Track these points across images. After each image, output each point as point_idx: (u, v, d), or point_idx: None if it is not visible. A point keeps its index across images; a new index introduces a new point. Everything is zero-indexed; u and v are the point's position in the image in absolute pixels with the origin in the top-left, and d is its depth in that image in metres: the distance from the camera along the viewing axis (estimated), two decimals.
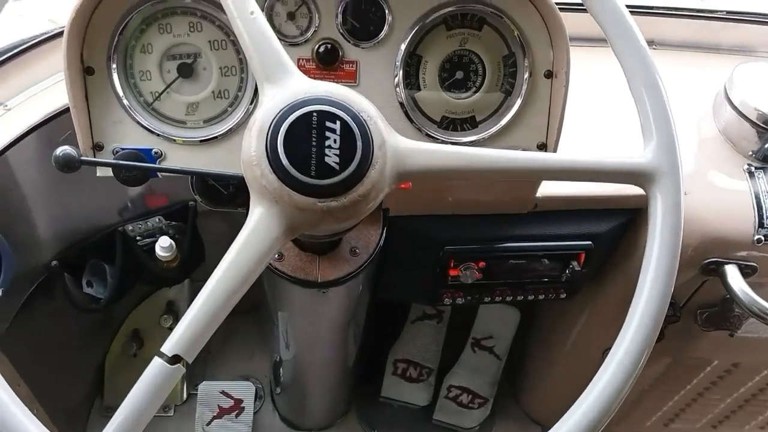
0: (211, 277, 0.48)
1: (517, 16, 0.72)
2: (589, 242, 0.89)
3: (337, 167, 0.48)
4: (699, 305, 1.01)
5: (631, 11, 0.64)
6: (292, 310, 0.97)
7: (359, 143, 0.48)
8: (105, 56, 0.69)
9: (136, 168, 0.68)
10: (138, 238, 1.05)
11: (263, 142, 0.48)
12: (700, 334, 1.06)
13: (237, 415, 1.29)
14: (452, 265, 0.89)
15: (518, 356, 1.40)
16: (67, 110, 0.83)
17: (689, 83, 1.03)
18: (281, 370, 1.26)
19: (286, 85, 0.50)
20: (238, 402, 1.29)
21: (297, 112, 0.48)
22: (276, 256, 0.79)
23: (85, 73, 0.70)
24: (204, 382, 1.30)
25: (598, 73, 0.94)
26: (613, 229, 0.89)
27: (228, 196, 0.81)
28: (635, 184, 0.56)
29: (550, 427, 0.53)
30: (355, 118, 0.49)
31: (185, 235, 1.06)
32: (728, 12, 1.07)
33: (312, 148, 0.48)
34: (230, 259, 0.48)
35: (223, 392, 1.28)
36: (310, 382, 1.27)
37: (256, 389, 1.34)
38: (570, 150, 0.80)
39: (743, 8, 1.08)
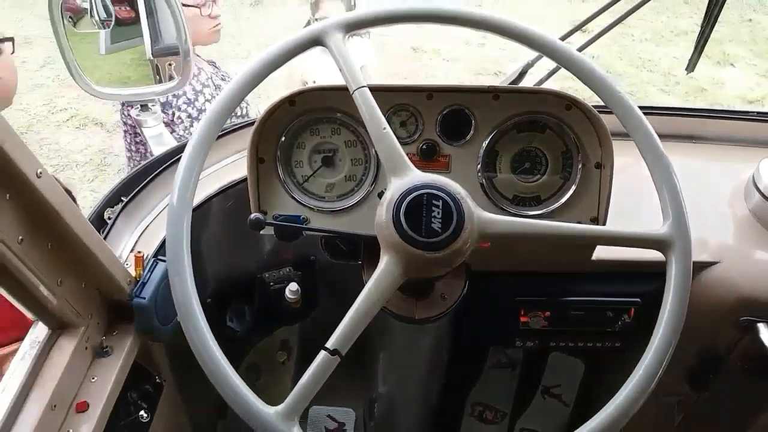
0: (357, 299, 0.73)
1: (572, 122, 0.96)
2: (638, 299, 1.09)
3: (439, 230, 0.72)
4: (740, 360, 1.16)
5: (675, 113, 0.83)
6: (393, 345, 1.21)
7: (455, 214, 0.72)
8: (273, 150, 0.99)
9: (295, 228, 0.96)
10: (272, 283, 1.33)
11: (391, 213, 0.73)
12: (745, 387, 1.20)
13: None
14: (522, 313, 1.11)
15: (586, 405, 1.55)
16: (239, 182, 1.14)
17: (724, 171, 1.23)
18: (376, 405, 1.48)
19: (405, 176, 0.76)
20: (341, 425, 1.52)
21: (413, 193, 0.73)
22: None
23: (259, 162, 0.99)
24: (314, 406, 1.54)
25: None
26: (659, 288, 1.08)
27: (346, 251, 1.08)
28: (657, 250, 0.76)
29: None
30: (452, 197, 0.73)
31: (308, 283, 1.33)
32: (758, 113, 1.27)
33: (423, 217, 0.72)
34: (369, 286, 0.73)
35: (329, 416, 1.52)
36: (399, 416, 1.48)
37: (356, 416, 1.57)
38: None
39: None
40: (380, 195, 0.80)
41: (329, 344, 0.71)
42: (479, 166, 0.99)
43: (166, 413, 1.20)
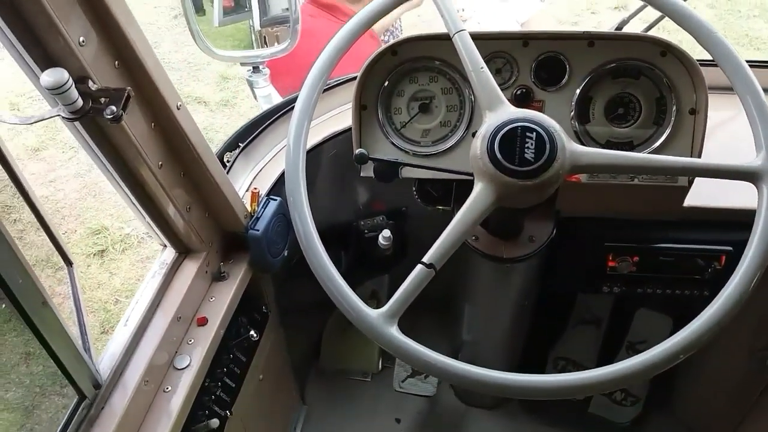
0: (453, 219, 0.79)
1: (667, 68, 0.98)
2: (730, 247, 1.09)
3: (532, 160, 0.76)
4: None
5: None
6: (480, 285, 1.27)
7: (548, 145, 0.77)
8: (375, 97, 1.07)
9: (394, 165, 1.04)
10: (366, 231, 1.42)
11: (486, 144, 0.78)
12: None
13: (425, 377, 1.60)
14: (611, 258, 1.14)
15: None
16: (342, 132, 1.23)
17: None
18: (459, 354, 1.55)
19: (500, 111, 0.81)
20: None
21: (508, 126, 0.78)
22: (473, 238, 1.09)
23: (362, 108, 1.08)
24: None
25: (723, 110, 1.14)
26: None
27: (438, 197, 1.14)
28: (749, 181, 0.76)
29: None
30: (546, 130, 0.77)
31: (399, 231, 1.41)
32: None
33: (516, 147, 0.77)
34: (463, 211, 0.79)
35: None
36: (483, 365, 1.53)
37: None
38: None
39: None
40: (473, 136, 0.86)
41: (425, 259, 0.78)
42: (573, 112, 1.02)
43: (271, 339, 1.32)
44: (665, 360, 0.73)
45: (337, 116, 1.31)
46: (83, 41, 0.71)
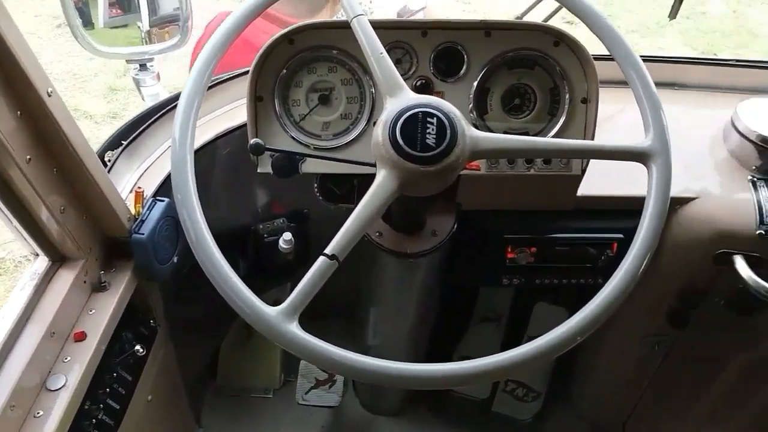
0: (356, 209, 0.76)
1: (560, 57, 1.01)
2: (620, 234, 1.13)
3: (434, 145, 0.75)
4: (720, 295, 1.21)
5: (659, 59, 0.87)
6: (385, 284, 1.24)
7: (448, 130, 0.76)
8: (271, 88, 1.02)
9: (297, 156, 0.99)
10: (265, 235, 1.36)
11: (387, 131, 0.76)
12: (725, 323, 1.25)
13: (330, 387, 1.55)
14: (510, 249, 1.15)
15: (567, 353, 1.59)
16: (236, 129, 1.17)
17: (704, 116, 1.28)
18: (367, 354, 1.51)
19: (401, 97, 0.79)
20: (332, 375, 1.55)
21: (409, 112, 0.76)
22: (377, 233, 1.07)
23: (257, 100, 1.03)
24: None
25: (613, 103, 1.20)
26: None
27: (341, 195, 1.11)
28: (639, 162, 0.79)
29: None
30: (446, 115, 0.76)
31: (301, 234, 1.36)
32: (736, 60, 1.33)
33: (418, 133, 0.75)
34: (366, 199, 0.76)
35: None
36: None
37: None
38: None
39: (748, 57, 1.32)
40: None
41: (327, 250, 0.75)
42: (471, 104, 1.03)
43: (161, 355, 1.22)
44: (560, 344, 0.74)
45: (232, 112, 1.25)
46: None
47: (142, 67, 1.43)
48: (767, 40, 5.22)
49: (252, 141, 0.91)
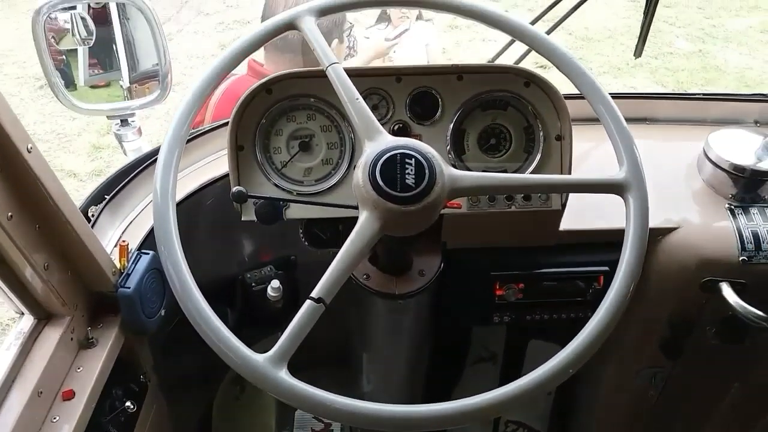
0: (340, 251, 0.77)
1: (531, 97, 1.04)
2: (606, 267, 1.14)
3: (413, 185, 0.77)
4: (710, 323, 1.22)
5: (628, 96, 0.89)
6: (376, 328, 1.23)
7: (427, 170, 0.77)
8: (251, 137, 1.04)
9: (279, 202, 1.00)
10: (253, 284, 1.35)
11: (367, 173, 0.78)
12: (717, 352, 1.25)
13: None
14: (498, 286, 1.15)
15: (569, 389, 1.58)
16: (218, 179, 1.18)
17: (677, 148, 1.31)
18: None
19: (379, 140, 0.81)
20: (328, 426, 1.52)
21: (387, 154, 0.78)
22: (364, 276, 1.07)
23: (238, 149, 1.04)
24: (299, 410, 1.53)
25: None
26: None
27: (326, 239, 1.12)
28: (615, 193, 0.82)
29: None
30: (424, 156, 0.78)
31: (289, 281, 1.35)
32: (704, 94, 1.38)
33: (397, 174, 0.77)
34: (350, 240, 0.77)
35: (315, 417, 1.51)
36: None
37: None
38: None
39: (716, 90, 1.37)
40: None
41: (314, 293, 0.75)
42: (448, 145, 1.05)
43: (153, 412, 1.19)
44: (552, 378, 0.74)
45: (214, 162, 1.26)
46: None
47: (124, 122, 1.45)
48: (733, 76, 5.40)
49: (234, 189, 0.92)
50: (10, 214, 0.81)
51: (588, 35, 5.95)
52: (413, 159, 0.77)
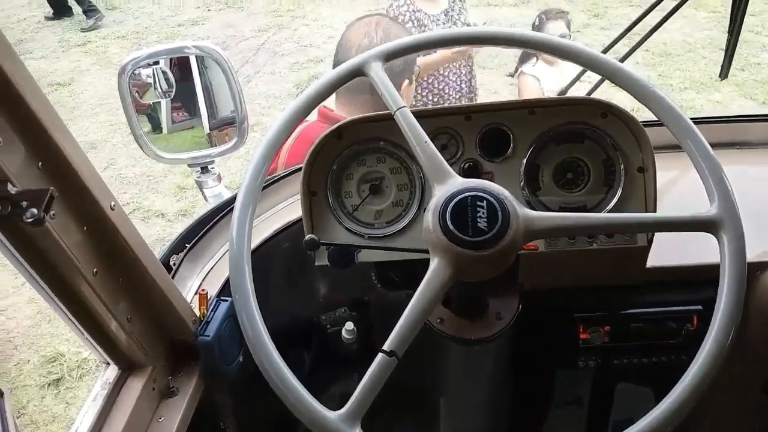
0: (411, 301, 0.74)
1: (609, 128, 0.99)
2: (699, 306, 1.06)
3: (486, 229, 0.74)
4: None
5: (713, 121, 0.83)
6: (453, 373, 1.19)
7: (500, 213, 0.75)
8: (323, 184, 1.04)
9: (351, 248, 0.99)
10: (328, 326, 1.35)
11: (437, 217, 0.76)
12: None
13: None
14: (582, 329, 1.09)
15: None
16: (293, 224, 1.19)
17: None
18: None
19: (449, 183, 0.79)
20: None
21: (458, 197, 0.76)
22: (438, 320, 1.04)
23: (311, 195, 1.05)
24: None
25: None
26: None
27: (400, 281, 1.10)
28: (707, 232, 0.76)
29: None
30: (496, 198, 0.76)
31: (364, 323, 1.34)
32: None
33: (468, 218, 0.75)
34: (421, 289, 0.75)
35: None
36: None
37: None
38: None
39: None
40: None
41: (386, 347, 0.73)
42: (522, 182, 1.01)
43: None
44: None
45: (288, 207, 1.28)
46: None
47: (204, 169, 1.50)
48: None
49: (307, 237, 0.93)
50: (95, 270, 0.85)
51: (667, 50, 5.74)
52: (485, 201, 0.75)
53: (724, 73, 1.20)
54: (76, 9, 7.46)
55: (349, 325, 1.27)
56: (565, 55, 0.86)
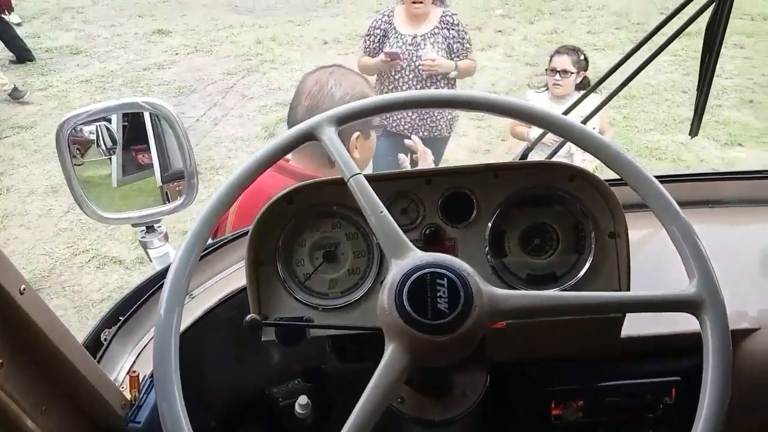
0: (364, 393, 0.66)
1: (577, 192, 0.92)
2: (677, 377, 0.98)
3: (447, 311, 0.66)
4: None
5: (684, 179, 0.78)
6: None
7: (462, 292, 0.67)
8: (272, 252, 0.95)
9: (299, 326, 0.90)
10: (280, 399, 1.24)
11: (393, 297, 0.68)
12: None
13: None
14: (554, 405, 1.01)
15: None
16: (240, 291, 1.10)
17: (748, 233, 1.16)
18: None
19: (406, 257, 0.71)
20: None
21: (416, 274, 0.68)
22: (398, 400, 0.95)
23: (257, 264, 0.96)
24: None
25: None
26: (699, 363, 0.97)
27: (356, 353, 1.01)
28: (687, 312, 0.69)
29: None
30: (457, 274, 0.68)
31: (319, 394, 1.24)
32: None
33: (428, 298, 0.67)
34: (375, 380, 0.66)
35: None
36: None
37: None
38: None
39: None
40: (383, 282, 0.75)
41: None
42: (487, 247, 0.94)
43: None
44: None
45: (235, 273, 1.18)
46: None
47: (149, 229, 1.40)
48: None
49: (248, 318, 0.84)
50: (1, 362, 0.74)
51: (631, 93, 5.86)
52: (445, 279, 0.67)
53: (694, 131, 1.15)
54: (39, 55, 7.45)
55: (303, 399, 1.17)
56: (526, 118, 0.80)
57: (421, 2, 3.27)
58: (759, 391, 1.00)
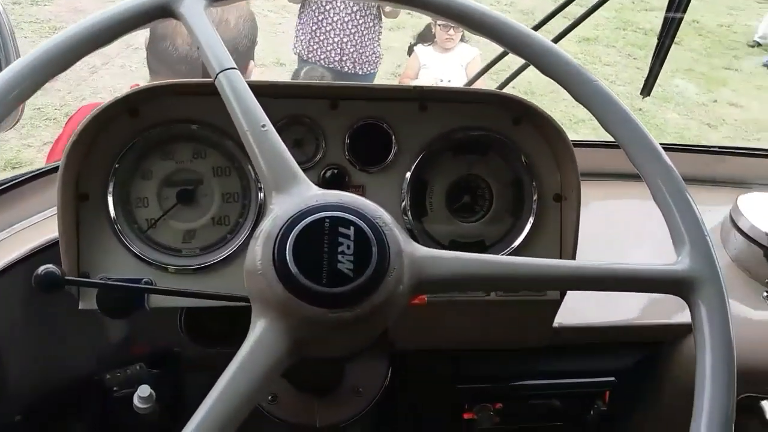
0: (203, 404, 0.41)
1: (522, 139, 0.73)
2: (612, 378, 0.83)
3: (350, 274, 0.43)
4: None
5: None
6: None
7: (374, 249, 0.44)
8: (103, 182, 0.68)
9: (123, 289, 0.63)
10: (115, 388, 0.96)
11: (270, 250, 0.43)
12: None
13: None
14: (467, 407, 0.81)
15: None
16: (53, 245, 0.80)
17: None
18: None
19: (296, 193, 0.47)
20: None
21: (308, 218, 0.44)
22: (269, 398, 0.72)
23: (79, 199, 0.67)
24: None
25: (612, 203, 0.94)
26: (639, 363, 0.83)
27: (218, 333, 0.76)
28: (673, 294, 0.51)
29: None
30: (370, 223, 0.45)
31: (168, 385, 0.97)
32: (720, 147, 1.11)
33: (324, 255, 0.43)
34: (235, 369, 0.42)
35: None
36: None
37: None
38: None
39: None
40: None
41: None
42: (404, 202, 0.72)
43: None
44: None
45: (49, 220, 0.88)
46: None
47: None
48: (673, 137, 5.49)
49: (40, 270, 0.56)
50: None
51: (531, 89, 5.96)
52: (352, 227, 0.44)
53: (646, 91, 1.00)
54: None
55: (145, 390, 0.90)
56: (477, 27, 0.58)
57: None
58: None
